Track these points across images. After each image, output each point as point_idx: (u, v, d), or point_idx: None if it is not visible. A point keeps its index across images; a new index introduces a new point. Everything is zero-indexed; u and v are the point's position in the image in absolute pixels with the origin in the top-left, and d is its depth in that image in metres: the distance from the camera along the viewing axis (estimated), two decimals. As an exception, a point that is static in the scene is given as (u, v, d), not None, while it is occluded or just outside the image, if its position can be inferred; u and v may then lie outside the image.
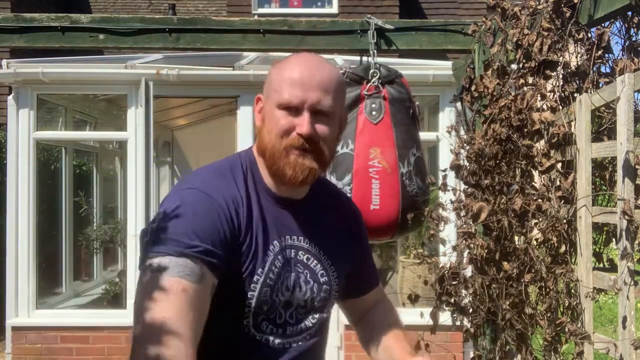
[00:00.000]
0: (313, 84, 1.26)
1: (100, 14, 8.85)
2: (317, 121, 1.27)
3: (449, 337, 4.46)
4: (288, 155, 1.26)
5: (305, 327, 1.34)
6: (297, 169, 1.26)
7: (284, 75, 1.28)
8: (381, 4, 9.23)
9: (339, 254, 1.40)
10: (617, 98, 1.70)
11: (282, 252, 1.30)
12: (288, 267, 1.31)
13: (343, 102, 1.37)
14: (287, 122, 1.26)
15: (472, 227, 2.24)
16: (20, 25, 2.79)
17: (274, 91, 1.29)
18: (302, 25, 2.79)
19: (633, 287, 1.66)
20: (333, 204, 1.46)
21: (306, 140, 1.26)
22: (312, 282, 1.34)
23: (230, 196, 1.26)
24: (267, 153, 1.29)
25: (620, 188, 1.69)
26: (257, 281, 1.26)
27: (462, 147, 2.34)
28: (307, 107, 1.26)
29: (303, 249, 1.34)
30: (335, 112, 1.30)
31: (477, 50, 2.56)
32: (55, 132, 5.67)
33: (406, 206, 2.28)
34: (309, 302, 1.34)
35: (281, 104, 1.27)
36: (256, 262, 1.26)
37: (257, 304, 1.26)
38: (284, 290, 1.30)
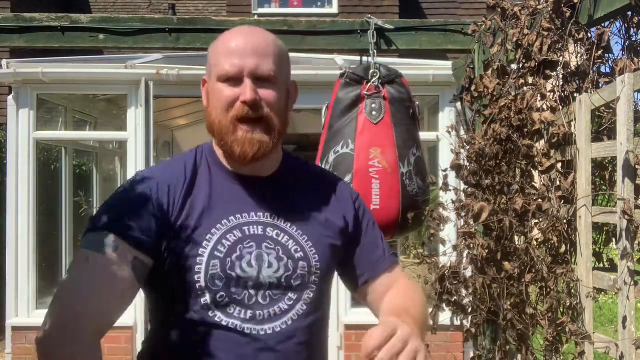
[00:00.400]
0: (249, 51, 1.24)
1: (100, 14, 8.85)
2: (261, 87, 1.24)
3: (449, 337, 4.46)
4: (236, 131, 1.24)
5: (282, 310, 1.25)
6: (245, 144, 1.24)
7: (220, 48, 1.27)
8: (381, 4, 9.23)
9: (319, 231, 1.32)
10: (617, 98, 1.70)
11: (240, 228, 1.26)
12: (250, 242, 1.25)
13: (287, 68, 1.33)
14: (230, 93, 1.24)
15: (472, 227, 2.24)
16: (20, 25, 2.79)
17: (213, 66, 1.28)
18: (302, 25, 2.79)
19: (633, 287, 1.67)
20: (313, 182, 1.40)
21: (251, 107, 1.23)
22: (285, 258, 1.26)
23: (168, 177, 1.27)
24: (216, 130, 1.27)
25: (620, 188, 1.69)
26: (202, 254, 1.22)
27: (462, 147, 2.34)
28: (246, 74, 1.23)
29: (271, 225, 1.28)
30: (278, 77, 1.27)
31: (477, 50, 2.56)
32: (55, 132, 5.66)
33: (406, 206, 2.28)
34: (284, 280, 1.25)
35: (221, 76, 1.25)
36: (200, 236, 1.23)
37: (207, 279, 1.21)
38: (243, 265, 1.24)
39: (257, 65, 1.24)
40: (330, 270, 1.34)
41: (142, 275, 1.20)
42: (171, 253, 1.22)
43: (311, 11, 9.32)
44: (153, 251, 1.21)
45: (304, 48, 2.83)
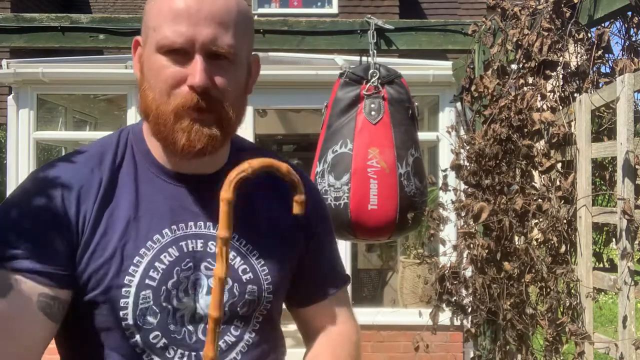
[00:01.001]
0: (203, 15, 0.91)
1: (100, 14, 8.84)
2: (216, 68, 0.93)
3: (449, 337, 4.46)
4: (179, 119, 0.93)
5: (228, 344, 1.00)
6: (191, 136, 0.93)
7: (163, 7, 0.93)
8: (381, 4, 9.23)
9: (274, 245, 1.05)
10: (617, 98, 1.70)
11: (176, 243, 0.97)
12: (189, 263, 0.97)
13: (250, 40, 1.01)
14: (173, 72, 0.92)
15: (472, 227, 2.24)
16: (20, 25, 2.79)
17: (152, 30, 0.94)
18: (302, 25, 2.79)
19: (633, 287, 1.66)
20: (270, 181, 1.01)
21: (201, 95, 0.92)
22: (230, 281, 0.99)
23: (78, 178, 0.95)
24: (152, 115, 0.96)
25: (620, 188, 1.69)
26: (129, 283, 0.93)
27: (462, 147, 2.34)
28: (198, 47, 0.92)
29: (214, 238, 0.98)
30: (238, 55, 0.96)
31: (477, 50, 2.56)
32: (55, 132, 5.67)
33: (404, 206, 2.28)
34: (227, 308, 0.99)
35: (162, 46, 0.92)
36: (126, 259, 0.94)
37: (136, 314, 0.94)
38: (181, 294, 0.96)
39: (214, 37, 0.92)
40: (283, 293, 1.09)
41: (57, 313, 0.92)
42: (87, 283, 0.93)
43: (311, 11, 9.32)
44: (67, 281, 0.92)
45: (304, 48, 2.82)
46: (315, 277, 1.13)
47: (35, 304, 0.89)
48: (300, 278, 1.11)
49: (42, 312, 0.89)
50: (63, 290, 0.92)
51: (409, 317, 4.47)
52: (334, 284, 1.16)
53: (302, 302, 1.15)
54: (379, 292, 6.05)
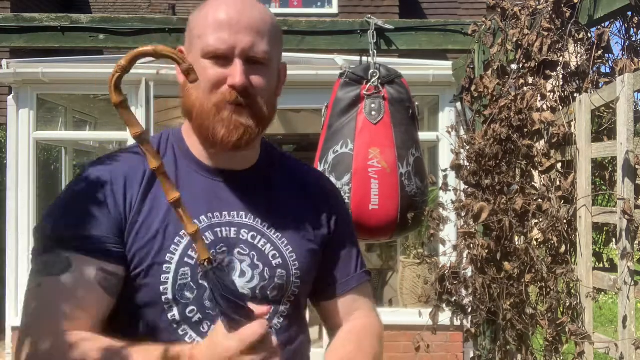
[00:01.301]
0: (243, 26, 1.05)
1: (100, 14, 8.84)
2: (252, 71, 1.07)
3: (449, 337, 4.46)
4: (219, 112, 1.06)
5: None
6: (230, 126, 1.06)
7: (208, 18, 1.07)
8: (381, 4, 9.23)
9: (299, 234, 1.15)
10: (617, 98, 1.70)
11: (212, 229, 1.08)
12: (223, 247, 1.08)
13: (280, 49, 1.16)
14: (215, 73, 1.06)
15: (472, 227, 2.24)
16: (20, 25, 2.79)
17: (197, 38, 1.09)
18: (302, 25, 2.79)
19: (633, 287, 1.66)
20: (295, 178, 1.22)
21: (240, 93, 1.05)
22: (261, 265, 1.10)
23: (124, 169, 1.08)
24: (195, 112, 1.08)
25: (620, 188, 1.69)
26: (170, 260, 1.04)
27: (462, 147, 2.34)
28: (237, 53, 1.05)
29: (247, 227, 1.11)
30: (272, 60, 1.11)
31: (477, 50, 2.56)
32: (55, 132, 5.67)
33: (405, 206, 2.28)
34: (259, 292, 1.09)
35: (207, 52, 1.06)
36: (167, 240, 1.05)
37: (175, 289, 1.04)
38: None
39: (252, 44, 1.06)
40: (310, 279, 1.18)
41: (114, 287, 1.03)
42: (132, 260, 1.04)
43: (311, 11, 9.32)
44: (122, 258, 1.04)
45: (304, 48, 2.83)
46: (337, 271, 1.22)
47: (94, 279, 1.00)
48: (323, 272, 1.21)
49: (100, 287, 1.01)
50: (117, 266, 1.03)
51: (409, 317, 4.47)
52: (356, 278, 1.24)
53: (325, 295, 1.23)
54: (379, 292, 6.05)
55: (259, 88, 1.08)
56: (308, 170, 1.30)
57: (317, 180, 1.28)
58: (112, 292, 1.03)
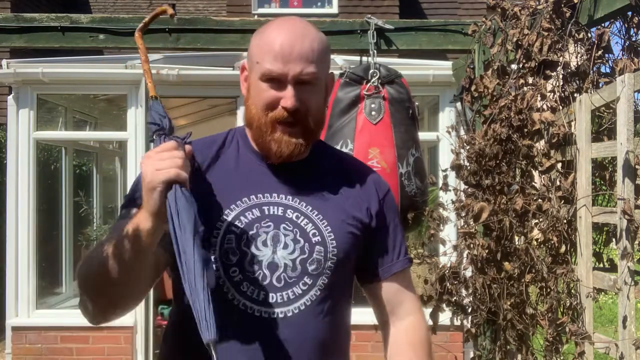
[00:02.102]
0: (294, 56, 1.22)
1: (100, 14, 8.86)
2: (302, 91, 1.24)
3: (449, 337, 4.46)
4: (274, 130, 1.25)
5: (295, 294, 1.23)
6: (282, 144, 1.25)
7: (265, 47, 1.25)
8: (381, 4, 9.23)
9: (339, 218, 1.30)
10: (617, 98, 1.70)
11: (259, 207, 1.26)
12: (268, 222, 1.25)
13: (328, 65, 1.32)
14: (271, 95, 1.24)
15: (472, 227, 2.24)
16: (20, 25, 2.79)
17: (256, 62, 1.27)
18: (302, 25, 2.78)
19: (633, 287, 1.66)
20: (342, 170, 1.38)
21: (291, 114, 1.23)
22: (302, 241, 1.26)
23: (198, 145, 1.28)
24: (254, 125, 1.27)
25: (620, 188, 1.69)
26: (219, 227, 1.23)
27: (462, 147, 2.34)
28: (289, 79, 1.23)
29: (292, 207, 1.28)
30: (320, 78, 1.27)
31: (477, 50, 2.56)
32: (55, 132, 5.66)
33: (405, 206, 2.28)
34: (299, 263, 1.24)
35: (263, 75, 1.24)
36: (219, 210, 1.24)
37: (221, 251, 1.22)
38: (259, 244, 1.24)
39: (302, 70, 1.23)
40: (347, 258, 1.31)
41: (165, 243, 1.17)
42: None
43: (311, 11, 9.32)
44: None
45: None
46: (381, 256, 1.36)
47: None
48: (368, 256, 1.34)
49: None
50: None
51: (409, 317, 4.45)
52: (399, 264, 1.39)
53: (370, 278, 1.37)
54: (379, 292, 6.05)
55: (308, 105, 1.25)
56: (354, 161, 1.50)
57: (365, 174, 1.42)
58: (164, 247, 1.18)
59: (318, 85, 1.27)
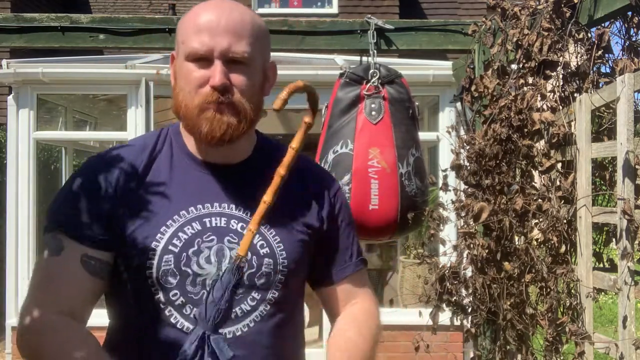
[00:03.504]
0: (221, 29, 1.12)
1: (100, 14, 8.86)
2: (233, 70, 1.13)
3: (449, 337, 4.46)
4: (203, 112, 1.13)
5: (243, 311, 1.14)
6: (214, 124, 1.13)
7: (189, 23, 1.15)
8: (381, 4, 9.24)
9: (289, 226, 1.20)
10: (617, 98, 1.70)
11: (200, 220, 1.15)
12: (210, 236, 1.15)
13: (264, 48, 1.21)
14: (198, 74, 1.13)
15: (472, 227, 2.24)
16: (20, 25, 2.79)
17: (181, 43, 1.16)
18: (302, 25, 2.79)
19: (633, 287, 1.66)
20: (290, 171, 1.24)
21: (220, 92, 1.12)
22: (249, 254, 1.15)
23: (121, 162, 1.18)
24: (182, 112, 1.16)
25: (620, 188, 1.69)
26: (155, 247, 1.12)
27: (462, 147, 2.34)
28: (217, 55, 1.12)
29: (236, 217, 1.17)
30: (253, 59, 1.16)
31: (477, 50, 2.56)
32: (55, 132, 5.67)
33: (405, 206, 2.28)
34: (246, 278, 1.14)
35: (189, 55, 1.14)
36: (154, 228, 1.13)
37: (159, 275, 1.11)
38: (201, 261, 1.13)
39: (230, 45, 1.12)
40: (298, 269, 1.22)
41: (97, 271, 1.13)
42: (122, 246, 1.13)
43: (311, 11, 9.32)
44: (106, 245, 1.13)
45: (304, 48, 2.83)
46: (334, 260, 1.28)
47: (79, 262, 1.12)
48: (321, 260, 1.27)
49: (85, 269, 1.12)
50: (102, 252, 1.13)
51: (409, 317, 4.46)
52: (352, 266, 1.30)
53: (323, 282, 1.29)
54: (378, 292, 6.05)
55: (240, 86, 1.14)
56: (303, 161, 1.30)
57: (314, 173, 1.32)
58: (99, 275, 1.14)
59: (252, 67, 1.16)
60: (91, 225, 1.13)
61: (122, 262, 1.15)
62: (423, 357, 2.58)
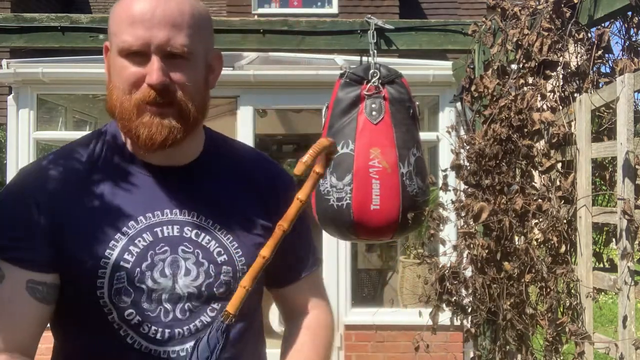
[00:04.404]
0: (157, 20, 0.99)
1: (100, 14, 8.84)
2: (172, 66, 1.01)
3: (449, 337, 4.46)
4: (141, 114, 1.01)
5: (204, 323, 1.06)
6: (152, 129, 1.01)
7: (122, 14, 1.02)
8: (381, 4, 9.23)
9: (245, 229, 1.12)
10: (617, 98, 1.70)
11: (151, 229, 1.05)
12: (164, 247, 1.05)
13: (207, 38, 1.08)
14: (133, 72, 1.01)
15: (472, 227, 2.24)
16: (20, 25, 2.79)
17: (114, 35, 1.03)
18: (302, 25, 2.79)
19: (633, 287, 1.66)
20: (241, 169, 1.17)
21: (159, 92, 1.00)
22: (206, 263, 1.07)
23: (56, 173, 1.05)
24: (117, 113, 1.03)
25: (620, 188, 1.69)
26: (104, 265, 1.01)
27: (462, 147, 2.34)
28: (153, 49, 1.00)
29: (189, 224, 1.07)
30: (194, 53, 1.04)
31: (477, 50, 2.56)
32: (55, 132, 5.66)
33: (406, 206, 2.28)
34: (205, 289, 1.06)
35: (122, 50, 1.01)
36: (101, 244, 1.02)
37: (112, 293, 1.02)
38: (155, 275, 1.04)
39: (168, 38, 1.00)
40: None
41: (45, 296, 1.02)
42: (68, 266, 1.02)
43: (311, 11, 9.32)
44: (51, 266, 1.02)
45: (304, 48, 2.82)
46: (288, 261, 1.20)
47: (25, 289, 1.00)
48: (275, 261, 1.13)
49: (32, 296, 1.01)
50: (49, 274, 1.02)
51: (408, 317, 4.46)
52: (307, 267, 1.24)
53: (278, 283, 1.23)
54: (379, 292, 6.05)
55: (181, 84, 1.03)
56: (257, 159, 1.24)
57: (266, 169, 1.23)
58: (47, 300, 1.03)
59: (194, 61, 1.04)
60: (32, 246, 1.00)
61: (69, 283, 1.03)
62: (423, 357, 2.58)
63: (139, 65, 1.01)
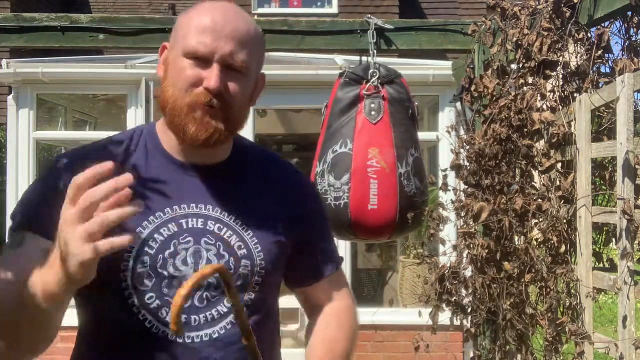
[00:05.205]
0: (226, 33, 1.10)
1: (100, 14, 8.85)
2: (229, 77, 1.11)
3: (449, 337, 4.46)
4: (193, 111, 1.10)
5: (220, 313, 1.12)
6: (201, 126, 1.10)
7: (194, 21, 1.12)
8: (381, 4, 9.23)
9: (266, 227, 1.19)
10: (617, 98, 1.70)
11: (176, 221, 1.12)
12: (187, 237, 1.12)
13: (261, 59, 1.19)
14: (193, 73, 1.10)
15: (472, 227, 2.24)
16: (20, 25, 2.79)
17: (181, 38, 1.13)
18: (302, 25, 2.79)
19: (633, 287, 1.66)
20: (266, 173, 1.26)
21: (214, 96, 1.09)
22: (227, 255, 1.13)
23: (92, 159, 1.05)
24: (169, 107, 1.12)
25: (620, 188, 1.69)
26: (130, 250, 1.08)
27: (462, 147, 2.34)
28: (217, 59, 1.09)
29: (213, 219, 1.15)
30: (249, 70, 1.14)
31: (477, 50, 2.56)
32: (55, 132, 5.67)
33: (404, 206, 2.28)
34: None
35: (188, 52, 1.10)
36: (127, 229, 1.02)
37: (134, 277, 1.08)
38: (177, 263, 1.11)
39: (232, 52, 1.10)
40: (276, 270, 1.21)
41: None
42: None
43: (311, 11, 9.32)
44: None
45: (304, 48, 2.82)
46: (310, 263, 1.28)
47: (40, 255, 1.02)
48: (297, 263, 1.25)
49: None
50: None
51: (408, 317, 4.46)
52: (330, 268, 1.31)
53: (301, 283, 1.30)
54: (378, 292, 6.05)
55: (234, 94, 1.12)
56: (279, 164, 1.32)
57: (289, 174, 1.31)
58: None
59: (247, 77, 1.14)
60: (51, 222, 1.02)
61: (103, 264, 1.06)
62: (423, 357, 2.58)
63: (200, 69, 1.10)
